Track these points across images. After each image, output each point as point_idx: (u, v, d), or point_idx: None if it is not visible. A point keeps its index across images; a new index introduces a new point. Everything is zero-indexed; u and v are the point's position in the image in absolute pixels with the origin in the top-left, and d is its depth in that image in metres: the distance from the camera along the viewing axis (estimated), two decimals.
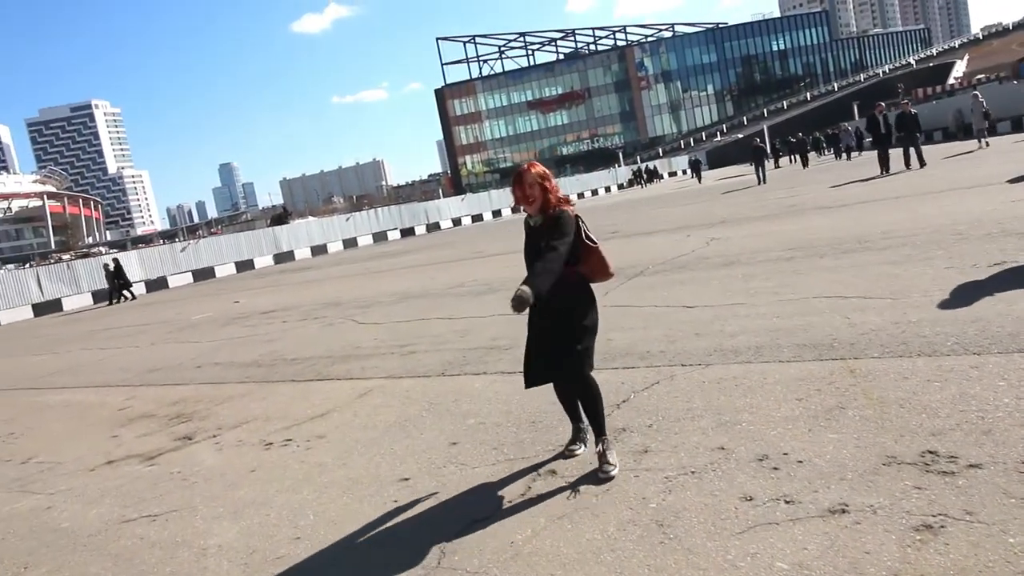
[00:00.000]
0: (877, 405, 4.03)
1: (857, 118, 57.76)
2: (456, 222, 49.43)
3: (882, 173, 20.46)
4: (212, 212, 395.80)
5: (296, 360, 8.74)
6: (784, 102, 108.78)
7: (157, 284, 32.96)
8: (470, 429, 4.98)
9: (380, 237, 44.33)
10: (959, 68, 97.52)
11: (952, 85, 76.43)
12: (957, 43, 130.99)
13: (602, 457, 3.87)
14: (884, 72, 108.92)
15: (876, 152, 21.53)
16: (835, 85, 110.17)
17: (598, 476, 3.83)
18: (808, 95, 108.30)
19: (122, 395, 8.58)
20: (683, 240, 13.73)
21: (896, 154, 21.17)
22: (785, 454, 3.64)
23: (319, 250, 40.72)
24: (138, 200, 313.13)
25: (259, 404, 6.91)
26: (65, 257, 54.93)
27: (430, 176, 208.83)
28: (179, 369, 9.64)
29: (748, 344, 5.74)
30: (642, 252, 12.94)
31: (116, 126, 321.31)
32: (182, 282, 33.81)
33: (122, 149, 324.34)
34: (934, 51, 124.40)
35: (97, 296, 30.28)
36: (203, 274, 34.87)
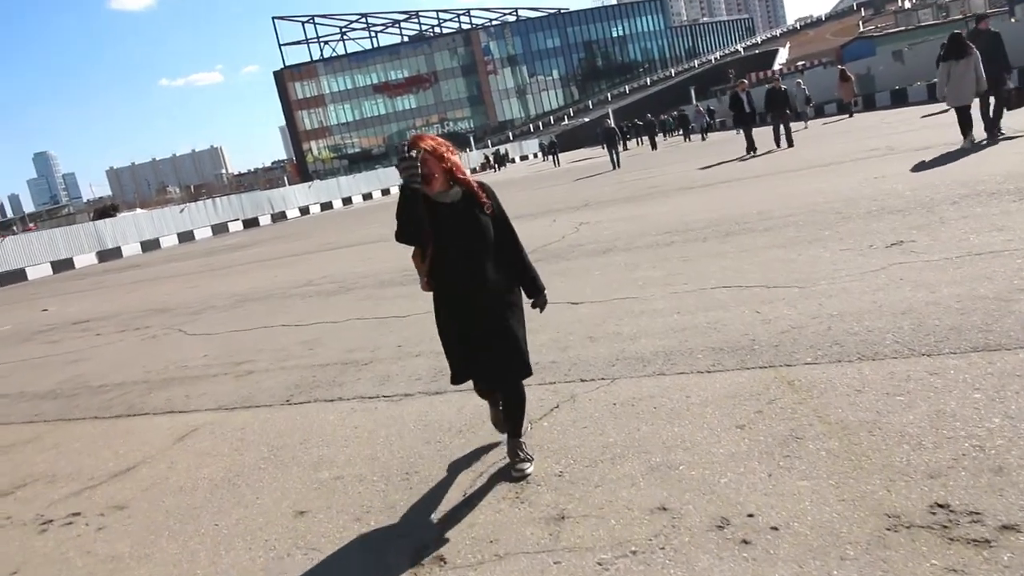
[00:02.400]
0: (840, 433, 3.22)
1: (695, 101, 59.82)
2: (304, 211, 46.77)
3: (749, 153, 19.40)
4: (28, 206, 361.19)
5: (104, 387, 7.10)
6: (626, 87, 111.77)
7: None
8: (323, 487, 3.78)
9: (220, 229, 41.10)
10: (782, 55, 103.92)
11: (780, 70, 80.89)
12: (778, 32, 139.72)
13: (516, 449, 3.55)
14: (716, 59, 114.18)
15: (741, 131, 20.65)
16: (672, 71, 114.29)
17: (511, 475, 3.48)
18: (648, 80, 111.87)
19: None
20: (550, 225, 12.92)
21: (762, 133, 20.57)
22: (750, 515, 2.72)
23: (150, 245, 37.12)
24: None
25: (45, 456, 5.34)
26: None
27: (274, 163, 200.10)
28: None
29: (654, 349, 4.87)
30: None
31: None
32: None
33: None
34: (759, 39, 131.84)
35: None
36: (11, 277, 30.65)
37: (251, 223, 42.79)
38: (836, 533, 2.51)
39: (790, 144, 19.27)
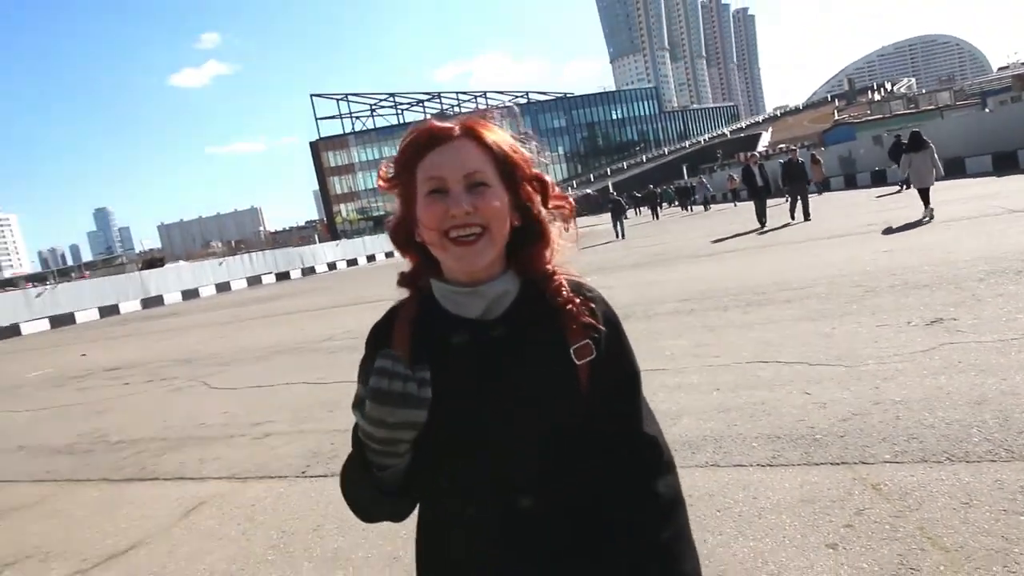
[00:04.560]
0: (964, 564, 2.40)
1: (687, 177, 59.85)
2: (331, 266, 46.20)
3: (762, 226, 17.31)
4: (87, 256, 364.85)
5: (120, 444, 6.28)
6: (624, 163, 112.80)
7: (8, 332, 27.98)
8: None
9: (254, 281, 40.50)
10: (765, 138, 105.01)
11: (765, 151, 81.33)
12: (760, 119, 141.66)
13: None
14: (704, 140, 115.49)
15: (753, 204, 18.19)
16: (665, 150, 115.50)
17: None
18: (644, 157, 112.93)
19: None
20: None
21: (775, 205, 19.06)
22: None
23: (190, 295, 36.45)
24: (5, 244, 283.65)
25: (45, 525, 4.50)
26: None
27: (307, 223, 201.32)
28: None
29: (700, 433, 4.06)
30: None
31: None
32: (37, 329, 28.91)
33: None
34: (743, 124, 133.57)
35: None
36: (62, 320, 30.03)
37: (283, 276, 42.21)
38: None
39: (806, 217, 17.24)
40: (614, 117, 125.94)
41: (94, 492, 5.03)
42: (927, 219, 12.47)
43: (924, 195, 12.91)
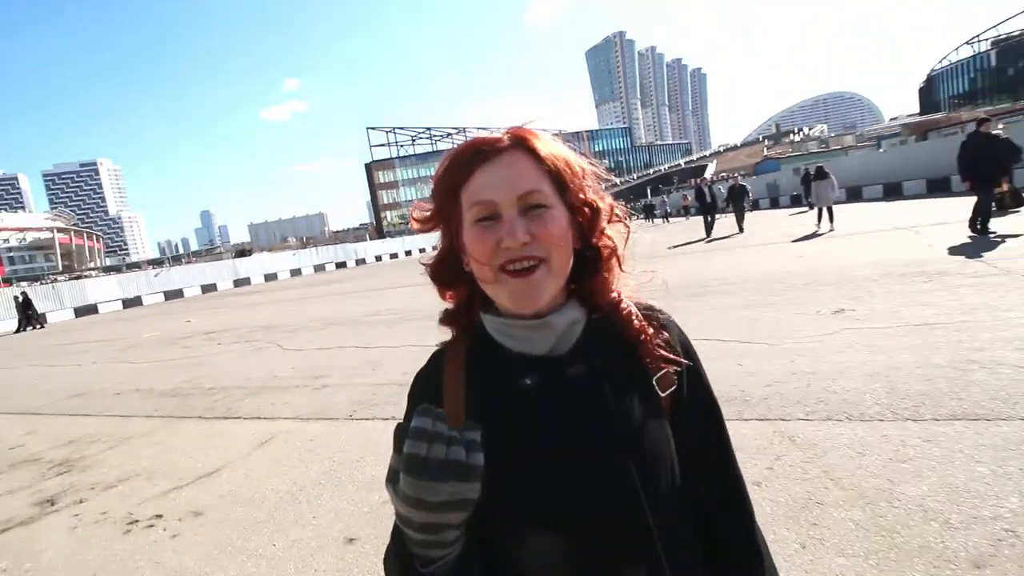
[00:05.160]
0: (860, 501, 2.33)
1: (650, 196, 59.27)
2: (378, 258, 46.13)
3: (708, 235, 16.87)
4: (194, 246, 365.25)
5: (212, 390, 6.25)
6: (603, 185, 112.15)
7: (133, 302, 28.01)
8: (373, 512, 2.90)
9: (320, 268, 40.42)
10: (711, 168, 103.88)
11: (712, 177, 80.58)
12: (708, 153, 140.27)
13: None
14: (664, 168, 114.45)
15: (703, 217, 17.69)
16: (635, 175, 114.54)
17: None
18: (618, 180, 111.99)
19: (25, 427, 5.80)
20: None
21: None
22: None
23: (270, 277, 36.38)
24: (133, 236, 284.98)
25: (152, 451, 4.47)
26: (60, 279, 46.80)
27: (360, 225, 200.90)
28: (99, 396, 6.85)
29: None
30: None
31: (116, 179, 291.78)
32: (154, 301, 28.94)
33: (121, 196, 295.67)
34: (694, 157, 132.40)
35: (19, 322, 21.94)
36: (173, 295, 30.06)
37: (341, 265, 42.13)
38: None
39: (740, 229, 16.86)
40: (596, 148, 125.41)
41: (191, 427, 5.00)
42: (828, 230, 12.77)
43: (828, 212, 13.39)
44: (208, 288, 32.18)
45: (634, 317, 0.74)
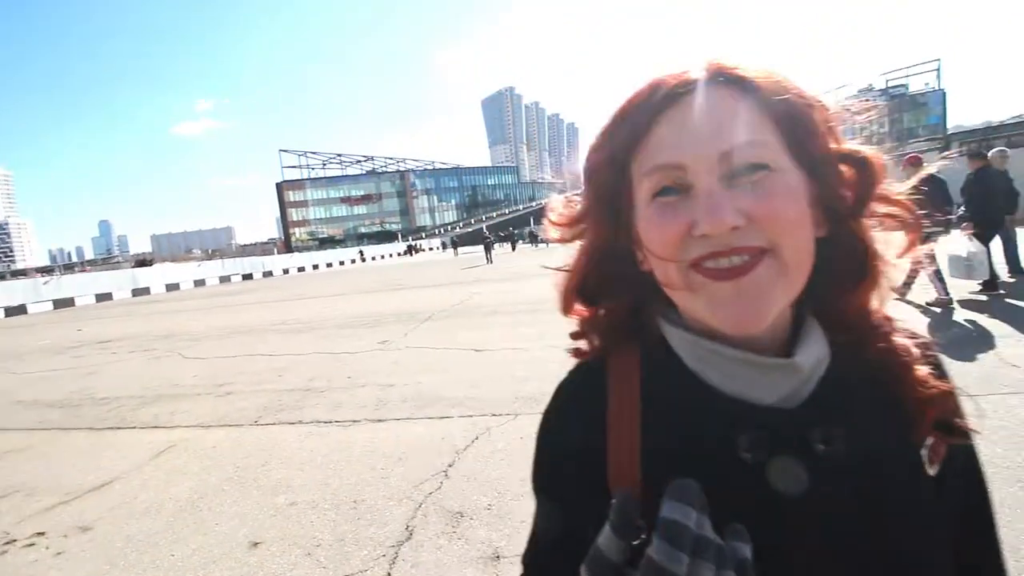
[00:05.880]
0: None
1: (532, 224, 61.14)
2: (285, 271, 42.71)
3: None
4: (89, 255, 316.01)
5: (105, 400, 5.34)
6: (494, 212, 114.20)
7: (16, 311, 23.36)
8: (279, 515, 2.60)
9: (225, 280, 36.55)
10: None
11: None
12: (580, 192, 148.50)
13: None
14: (544, 203, 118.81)
15: None
16: (520, 206, 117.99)
17: None
18: (507, 210, 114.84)
19: None
20: (454, 293, 11.96)
21: None
22: None
23: (172, 287, 32.25)
24: (21, 242, 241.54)
25: (35, 465, 3.69)
26: None
27: (268, 240, 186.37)
28: None
29: (542, 390, 4.03)
30: (427, 301, 10.91)
31: (6, 184, 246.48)
32: (41, 310, 24.37)
33: (10, 202, 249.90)
34: (569, 194, 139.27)
35: None
36: (63, 304, 25.52)
37: (247, 277, 38.46)
38: None
39: None
40: (489, 183, 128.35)
41: (80, 439, 4.21)
42: None
43: None
44: (103, 297, 27.76)
45: (909, 356, 0.42)
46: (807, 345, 0.41)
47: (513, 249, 38.18)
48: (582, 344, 0.50)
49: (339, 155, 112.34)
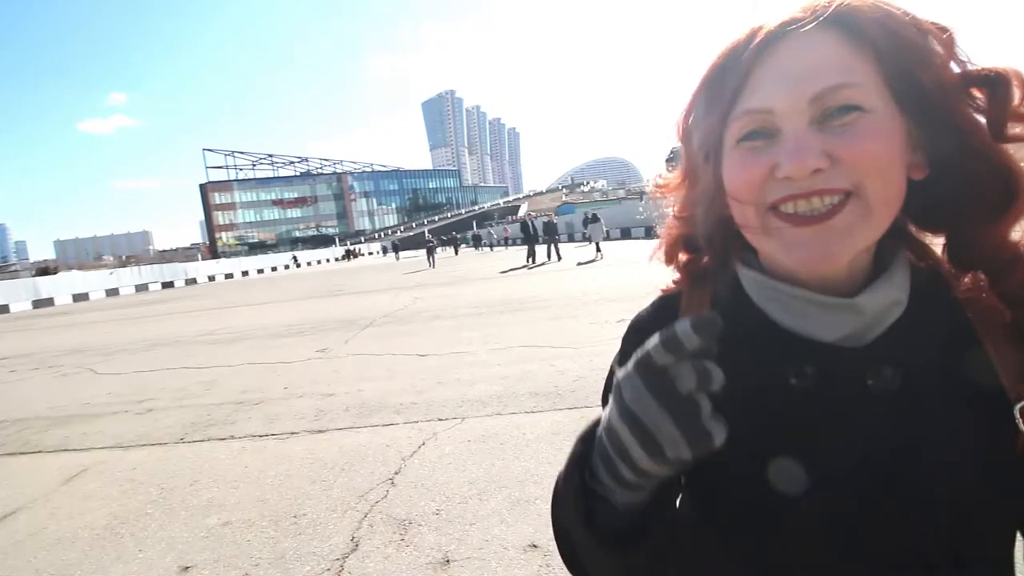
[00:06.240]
0: None
1: (475, 228, 61.24)
2: (211, 278, 39.93)
3: (529, 262, 16.89)
4: None
5: (4, 423, 4.78)
6: (436, 216, 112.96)
7: None
8: (211, 536, 2.45)
9: (142, 288, 33.67)
10: (523, 209, 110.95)
11: (524, 216, 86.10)
12: (521, 195, 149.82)
13: None
14: (486, 207, 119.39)
15: (526, 247, 17.74)
16: (463, 210, 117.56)
17: None
18: (449, 214, 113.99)
19: None
20: (396, 298, 11.72)
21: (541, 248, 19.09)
22: None
23: (80, 298, 29.31)
24: None
25: None
26: None
27: (191, 245, 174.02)
28: None
29: (488, 393, 4.06)
30: (367, 306, 10.63)
31: None
32: None
33: None
34: (511, 198, 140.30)
35: None
36: None
37: (168, 285, 35.64)
38: None
39: (559, 258, 16.96)
40: (430, 186, 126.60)
41: None
42: (600, 259, 15.33)
43: (597, 246, 16.96)
44: None
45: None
46: (878, 288, 0.41)
47: (456, 253, 38.02)
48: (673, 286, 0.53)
49: (270, 155, 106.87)
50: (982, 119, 0.39)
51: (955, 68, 0.39)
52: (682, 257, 0.53)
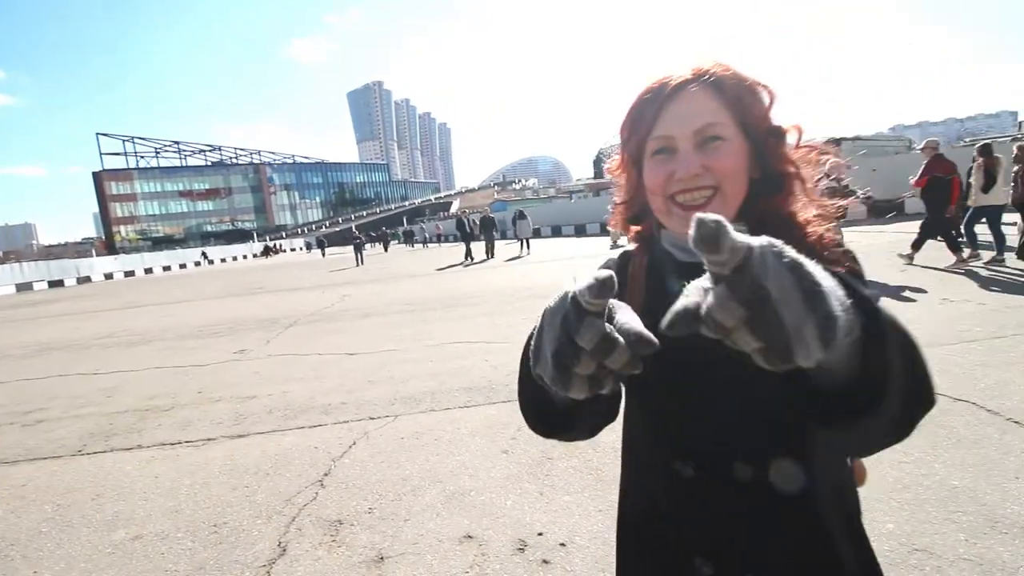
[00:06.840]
0: (576, 452, 2.75)
1: (406, 224, 59.98)
2: (108, 276, 35.96)
3: (467, 259, 16.48)
4: None
5: None
6: (364, 211, 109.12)
7: None
8: (119, 551, 2.26)
9: (24, 287, 29.78)
10: (455, 205, 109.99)
11: (457, 212, 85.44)
12: (453, 192, 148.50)
13: None
14: (417, 202, 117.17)
15: (464, 244, 17.52)
16: (392, 206, 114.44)
17: None
18: (378, 209, 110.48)
19: None
20: (322, 296, 11.24)
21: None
22: (540, 534, 2.07)
23: None
24: None
25: None
26: None
27: (84, 239, 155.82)
28: None
29: (422, 390, 4.04)
30: (292, 305, 10.11)
31: None
32: None
33: None
34: (443, 194, 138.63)
35: None
36: None
37: (56, 284, 31.71)
38: (609, 542, 1.96)
39: (492, 255, 16.91)
40: (358, 180, 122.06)
41: None
42: (527, 255, 16.23)
43: (527, 243, 17.57)
44: None
45: (808, 238, 0.62)
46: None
47: (386, 250, 36.95)
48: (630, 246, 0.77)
49: (176, 143, 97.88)
50: (783, 148, 0.66)
51: (766, 121, 0.65)
52: (632, 227, 0.76)
